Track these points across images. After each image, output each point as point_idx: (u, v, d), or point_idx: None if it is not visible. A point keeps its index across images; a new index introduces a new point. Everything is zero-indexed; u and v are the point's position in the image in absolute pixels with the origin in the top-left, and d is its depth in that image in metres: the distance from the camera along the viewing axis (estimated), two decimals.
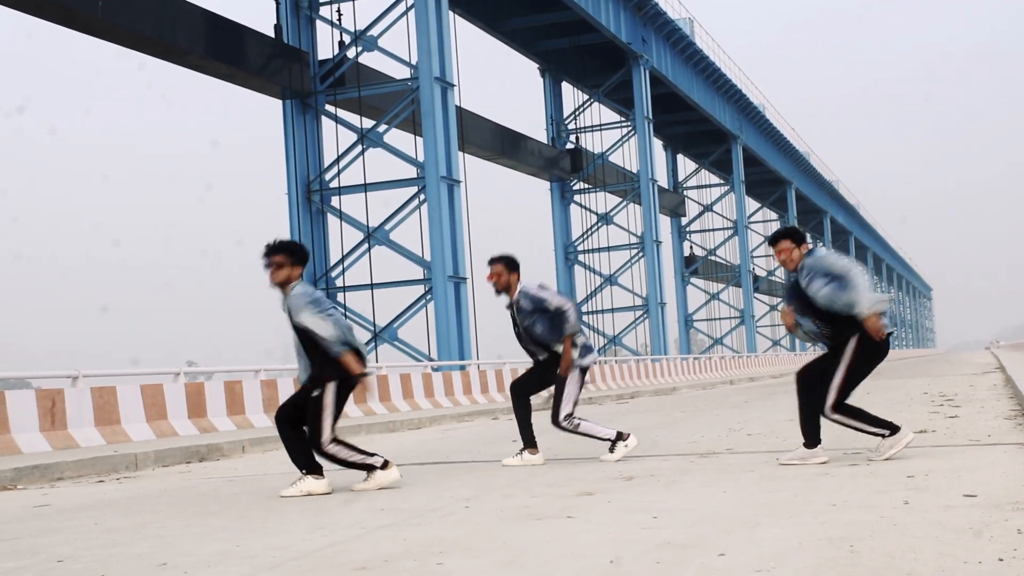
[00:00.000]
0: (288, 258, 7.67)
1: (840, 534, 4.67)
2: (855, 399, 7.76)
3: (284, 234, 21.88)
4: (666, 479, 7.26)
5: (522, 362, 24.35)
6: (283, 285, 7.69)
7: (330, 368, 7.62)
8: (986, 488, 5.84)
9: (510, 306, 9.08)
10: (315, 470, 7.72)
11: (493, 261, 9.10)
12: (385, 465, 7.77)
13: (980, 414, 11.83)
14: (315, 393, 7.67)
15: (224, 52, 29.73)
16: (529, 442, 9.08)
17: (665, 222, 66.66)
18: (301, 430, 7.79)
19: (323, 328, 7.53)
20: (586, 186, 53.12)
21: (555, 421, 8.99)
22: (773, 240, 7.97)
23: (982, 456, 7.46)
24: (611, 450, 9.05)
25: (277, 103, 33.22)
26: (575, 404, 9.04)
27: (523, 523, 5.49)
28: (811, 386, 7.72)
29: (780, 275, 75.03)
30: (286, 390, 18.72)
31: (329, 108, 33.16)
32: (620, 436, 9.13)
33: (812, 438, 7.77)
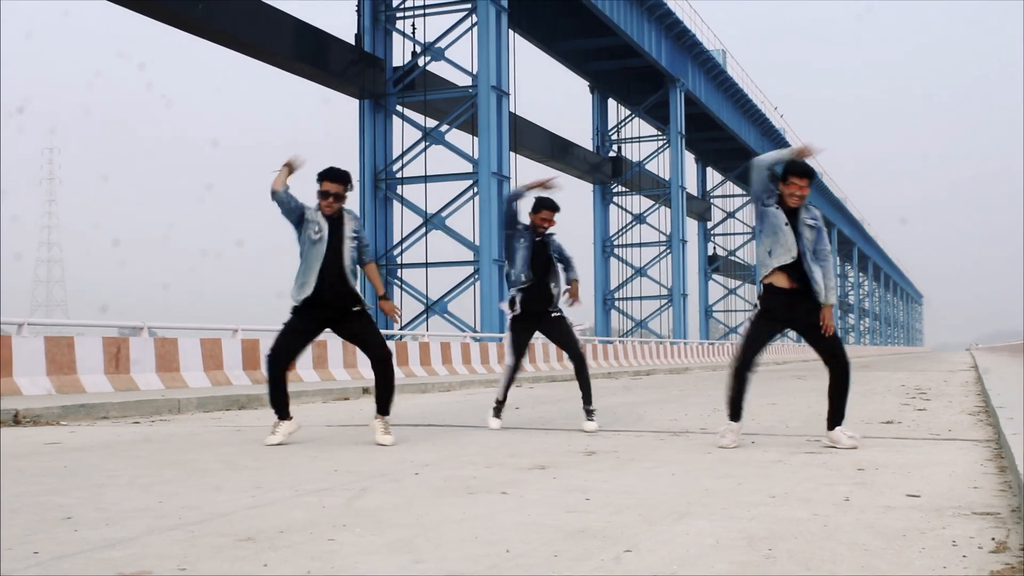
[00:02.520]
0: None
1: (764, 533, 3.74)
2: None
3: None
4: (626, 456, 6.34)
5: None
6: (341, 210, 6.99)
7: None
8: (931, 488, 4.86)
9: (541, 240, 8.25)
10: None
11: (550, 207, 8.21)
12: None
13: (947, 408, 10.77)
14: (356, 308, 6.95)
15: (310, 56, 29.13)
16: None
17: (693, 225, 65.92)
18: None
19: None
20: (624, 189, 52.85)
21: (581, 357, 8.41)
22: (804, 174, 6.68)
23: (937, 452, 6.46)
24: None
25: (353, 102, 32.57)
26: None
27: (455, 497, 4.60)
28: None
29: None
30: (335, 349, 17.96)
31: (398, 108, 32.57)
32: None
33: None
